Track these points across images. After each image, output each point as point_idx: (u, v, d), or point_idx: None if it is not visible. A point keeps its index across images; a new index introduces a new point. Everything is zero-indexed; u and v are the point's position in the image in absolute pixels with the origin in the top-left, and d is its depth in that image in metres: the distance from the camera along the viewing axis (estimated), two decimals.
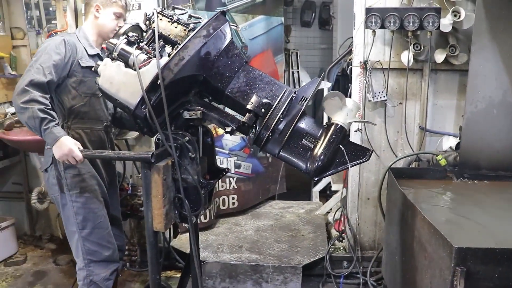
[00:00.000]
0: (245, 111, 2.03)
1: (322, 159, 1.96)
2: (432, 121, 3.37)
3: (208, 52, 2.02)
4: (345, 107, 2.04)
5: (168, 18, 2.18)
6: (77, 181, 2.50)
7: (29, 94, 2.26)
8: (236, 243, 3.76)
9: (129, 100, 2.01)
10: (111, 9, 2.53)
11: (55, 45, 2.40)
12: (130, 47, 2.09)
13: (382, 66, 3.26)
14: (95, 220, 2.56)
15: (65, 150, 2.26)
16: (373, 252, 3.56)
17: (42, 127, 2.27)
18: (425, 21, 3.00)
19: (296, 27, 8.17)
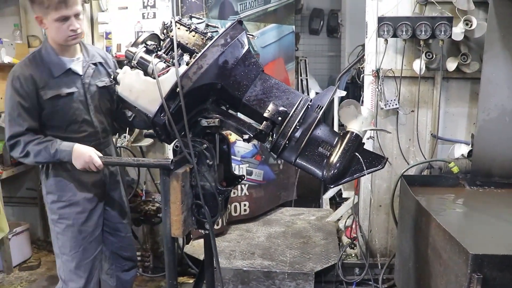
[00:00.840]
0: (262, 119, 2.06)
1: (338, 166, 1.99)
2: (444, 129, 3.39)
3: (226, 60, 2.05)
4: (360, 115, 2.07)
5: (186, 27, 2.21)
6: (56, 207, 2.41)
7: (18, 145, 2.25)
8: (248, 250, 3.78)
9: (148, 108, 2.05)
10: (49, 16, 2.18)
11: (13, 88, 2.23)
12: (149, 56, 2.13)
13: (394, 74, 3.29)
14: (74, 248, 2.42)
15: (86, 158, 2.25)
16: (385, 259, 3.57)
17: (51, 153, 2.24)
18: (437, 30, 3.03)
19: (305, 35, 8.21)
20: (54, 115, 2.30)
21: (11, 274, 3.86)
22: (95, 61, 2.42)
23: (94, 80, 2.39)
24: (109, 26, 3.63)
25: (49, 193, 2.41)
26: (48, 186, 2.40)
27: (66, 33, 2.21)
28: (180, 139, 2.05)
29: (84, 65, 2.37)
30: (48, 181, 2.40)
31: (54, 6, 2.15)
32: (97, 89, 2.40)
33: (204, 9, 3.76)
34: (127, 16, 3.60)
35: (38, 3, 2.18)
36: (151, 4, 3.57)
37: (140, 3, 3.59)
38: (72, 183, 2.39)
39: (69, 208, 2.40)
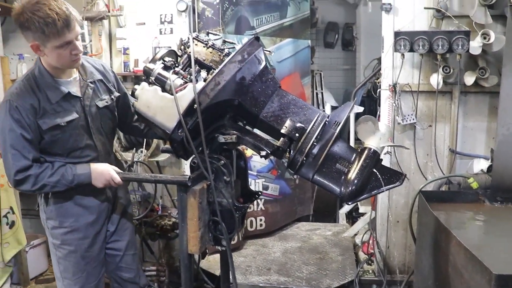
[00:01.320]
0: (279, 135, 2.05)
1: (356, 183, 1.96)
2: (462, 144, 3.35)
3: (243, 77, 2.05)
4: (378, 131, 2.05)
5: (203, 43, 2.21)
6: (57, 233, 2.30)
7: (28, 180, 2.13)
8: (264, 265, 3.75)
9: (166, 124, 2.05)
10: (50, 44, 1.99)
11: (13, 118, 2.06)
12: (167, 72, 2.13)
13: (411, 89, 3.27)
14: (76, 273, 2.33)
15: (106, 176, 2.21)
16: (403, 276, 3.51)
17: (69, 180, 2.17)
18: (454, 44, 3.01)
19: (320, 48, 8.23)
20: (54, 143, 2.17)
21: (28, 286, 3.89)
22: (93, 79, 2.28)
23: (94, 101, 2.26)
24: (127, 41, 3.68)
25: (49, 219, 2.30)
26: (49, 212, 2.29)
27: (68, 58, 2.08)
28: (197, 155, 2.05)
29: (82, 85, 2.23)
30: (48, 207, 2.29)
31: (56, 33, 1.96)
32: (97, 110, 2.28)
33: (220, 24, 3.80)
34: (144, 32, 3.65)
35: (34, 31, 1.95)
36: (169, 20, 3.62)
37: (158, 19, 3.64)
38: (74, 208, 2.29)
39: (71, 234, 2.29)
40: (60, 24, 1.95)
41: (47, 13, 1.93)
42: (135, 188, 3.70)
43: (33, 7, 1.94)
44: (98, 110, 2.29)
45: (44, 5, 1.94)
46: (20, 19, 1.95)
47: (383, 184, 1.99)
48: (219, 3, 3.78)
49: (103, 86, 2.33)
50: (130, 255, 2.54)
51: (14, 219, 3.70)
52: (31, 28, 1.95)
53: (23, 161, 2.10)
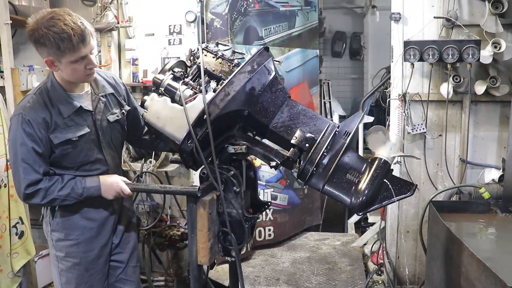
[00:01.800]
0: (289, 145, 2.04)
1: (366, 193, 1.94)
2: (473, 153, 3.32)
3: (253, 87, 2.05)
4: (389, 141, 2.04)
5: (212, 54, 2.20)
6: (62, 245, 2.26)
7: (38, 194, 2.10)
8: (273, 276, 3.73)
9: (175, 135, 2.04)
10: (65, 59, 1.97)
11: (24, 132, 2.04)
12: (176, 83, 2.12)
13: (421, 98, 3.25)
14: (78, 286, 2.29)
15: (116, 188, 2.20)
16: (413, 287, 3.48)
17: (78, 194, 2.15)
18: (465, 53, 2.99)
19: (327, 58, 8.24)
20: (64, 157, 2.15)
21: None
22: (105, 93, 2.27)
23: (105, 115, 2.25)
24: (136, 52, 3.71)
25: (54, 231, 2.27)
26: (54, 225, 2.26)
27: (83, 72, 2.06)
28: (207, 166, 2.04)
29: (94, 99, 2.22)
30: (54, 219, 2.26)
31: (71, 48, 1.94)
32: (108, 124, 2.27)
33: (229, 34, 3.81)
34: (153, 43, 3.67)
35: (49, 47, 1.93)
36: (177, 30, 3.65)
37: (167, 29, 3.67)
38: (81, 221, 2.26)
39: (76, 247, 2.26)
40: (76, 40, 1.93)
41: (62, 28, 1.91)
42: (144, 198, 3.70)
43: (48, 22, 1.92)
44: (109, 124, 2.28)
45: (59, 20, 1.92)
46: (35, 35, 1.93)
47: (394, 194, 1.97)
48: (227, 13, 3.80)
49: (114, 100, 2.32)
50: (132, 267, 2.51)
51: (23, 229, 3.70)
52: (46, 44, 1.92)
53: (33, 175, 2.08)
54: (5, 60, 3.60)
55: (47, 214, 2.29)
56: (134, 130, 2.47)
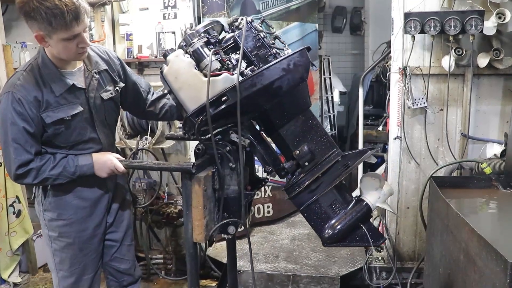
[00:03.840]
0: (289, 156, 2.03)
1: (340, 229, 2.01)
2: (475, 128, 3.25)
3: (280, 86, 1.91)
4: (381, 190, 2.06)
5: (254, 32, 1.99)
6: (55, 225, 2.22)
7: (30, 174, 2.05)
8: (272, 252, 3.72)
9: (187, 104, 1.94)
10: (56, 36, 1.88)
11: (15, 111, 1.96)
12: (207, 49, 1.94)
13: (422, 72, 3.17)
14: (73, 265, 2.26)
15: (109, 165, 2.14)
16: (413, 263, 3.46)
17: (70, 172, 2.10)
18: (467, 25, 2.90)
19: (328, 33, 8.10)
20: (57, 137, 2.09)
21: (36, 275, 3.90)
22: (98, 70, 2.18)
23: (98, 92, 2.17)
24: (130, 27, 3.62)
25: (47, 211, 2.22)
26: (47, 204, 2.21)
27: (74, 50, 1.97)
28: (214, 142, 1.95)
29: (87, 75, 2.14)
30: (46, 199, 2.21)
31: (64, 25, 1.84)
32: (101, 102, 2.20)
33: (225, 8, 3.72)
34: (148, 17, 3.58)
35: (40, 22, 1.83)
36: (172, 4, 3.55)
37: (161, 3, 3.57)
38: (74, 201, 2.22)
39: (69, 226, 2.22)
40: (69, 17, 1.83)
41: (56, 3, 1.80)
42: (141, 176, 3.66)
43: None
44: (103, 102, 2.20)
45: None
46: (26, 8, 1.83)
47: (370, 241, 2.03)
48: None
49: (108, 77, 2.23)
50: (126, 246, 2.48)
51: (20, 208, 3.69)
52: (37, 19, 1.82)
53: (25, 155, 2.02)
54: None
55: (39, 193, 2.24)
56: (136, 104, 2.41)
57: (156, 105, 2.41)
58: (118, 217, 2.43)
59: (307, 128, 2.05)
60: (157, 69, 3.65)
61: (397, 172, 3.37)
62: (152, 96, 2.42)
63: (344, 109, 6.84)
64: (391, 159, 3.38)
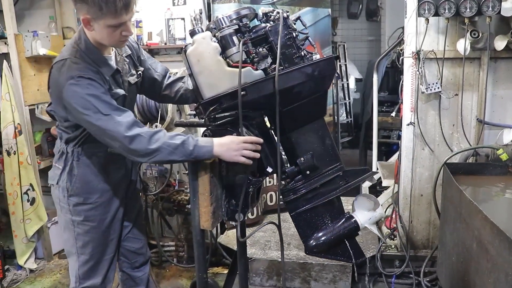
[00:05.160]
0: (293, 161, 2.04)
1: (324, 241, 2.07)
2: (491, 113, 3.16)
3: (300, 92, 1.90)
4: (373, 213, 2.10)
5: (287, 30, 1.93)
6: (81, 209, 2.24)
7: (140, 137, 1.91)
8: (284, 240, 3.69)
9: (204, 90, 1.92)
10: (103, 21, 1.87)
11: (92, 86, 1.92)
12: (237, 38, 1.90)
13: (436, 56, 3.08)
14: (95, 248, 2.30)
15: (237, 147, 1.94)
16: (426, 251, 3.41)
17: (189, 150, 1.93)
18: (484, 6, 2.79)
19: (343, 19, 8.00)
20: None
21: (51, 261, 3.96)
22: (127, 54, 2.20)
23: (127, 77, 2.19)
24: (140, 14, 3.60)
25: (72, 196, 2.22)
26: (74, 189, 2.21)
27: (117, 38, 1.95)
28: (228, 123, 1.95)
29: (118, 59, 2.14)
30: (73, 183, 2.20)
31: (113, 12, 1.82)
32: (129, 86, 2.21)
33: None
34: (157, 4, 3.55)
35: (90, 5, 1.82)
36: None
37: None
38: (100, 184, 2.24)
39: (95, 210, 2.25)
40: (120, 4, 1.82)
41: None
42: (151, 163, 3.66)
43: None
44: (130, 86, 2.22)
45: None
46: None
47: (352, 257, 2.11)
48: None
49: (131, 61, 2.24)
50: (138, 225, 2.54)
51: (34, 196, 3.73)
52: (88, 2, 1.81)
53: (126, 115, 1.93)
54: (8, 26, 3.54)
55: (64, 179, 2.22)
56: (152, 88, 2.41)
57: (172, 89, 2.40)
58: (131, 196, 2.46)
59: (317, 137, 2.04)
60: (167, 56, 3.66)
61: (411, 159, 3.31)
62: (168, 80, 2.41)
63: (360, 96, 6.75)
64: (405, 146, 3.31)
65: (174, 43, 3.54)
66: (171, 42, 3.54)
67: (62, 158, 2.23)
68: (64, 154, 2.22)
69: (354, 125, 6.78)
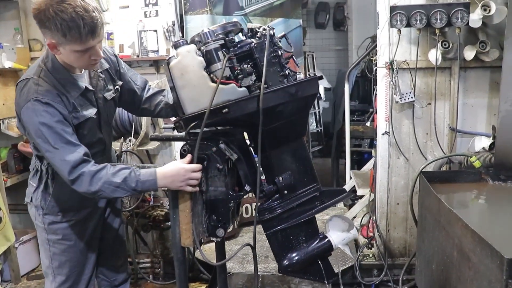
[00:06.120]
0: (271, 179, 2.01)
1: (297, 261, 2.05)
2: (463, 121, 3.23)
3: (282, 111, 1.87)
4: (347, 234, 2.09)
5: (273, 47, 1.88)
6: (57, 228, 2.17)
7: (82, 177, 1.88)
8: (261, 253, 3.65)
9: (186, 104, 1.87)
10: (69, 47, 1.82)
11: (47, 113, 1.86)
12: (222, 53, 1.84)
13: (409, 66, 3.14)
14: (72, 268, 2.22)
15: (183, 178, 1.92)
16: (404, 259, 3.43)
17: (131, 187, 1.92)
18: (454, 17, 2.87)
19: (311, 29, 8.09)
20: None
21: (19, 283, 3.78)
22: (102, 69, 2.12)
23: (102, 93, 2.12)
24: (111, 26, 3.54)
25: (48, 214, 2.15)
26: (49, 207, 2.14)
27: (87, 62, 1.91)
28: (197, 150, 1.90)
29: (92, 76, 2.08)
30: (48, 202, 2.14)
31: (78, 38, 1.78)
32: (105, 102, 2.14)
33: (208, 5, 3.65)
34: (128, 15, 3.49)
35: (54, 32, 1.77)
36: (153, 1, 3.47)
37: (142, 1, 3.49)
38: (76, 202, 2.15)
39: (72, 228, 2.18)
40: (85, 31, 1.76)
41: (72, 16, 1.73)
42: None
43: (58, 5, 1.72)
44: (106, 102, 2.15)
45: (70, 5, 1.73)
46: (41, 16, 1.76)
47: (324, 277, 2.10)
48: None
49: (108, 76, 2.17)
50: (119, 242, 2.49)
51: (1, 216, 3.56)
52: (51, 28, 1.76)
53: (74, 154, 1.87)
54: None
55: (38, 197, 2.15)
56: (131, 101, 2.33)
57: (152, 102, 2.33)
58: (112, 214, 2.41)
59: (296, 157, 2.03)
60: (140, 68, 3.59)
61: (386, 168, 3.34)
62: (147, 92, 2.34)
63: (329, 105, 6.81)
64: (380, 155, 3.34)
65: (146, 55, 3.48)
66: (144, 54, 3.48)
67: (37, 176, 2.15)
68: (38, 171, 2.14)
69: (324, 134, 6.83)
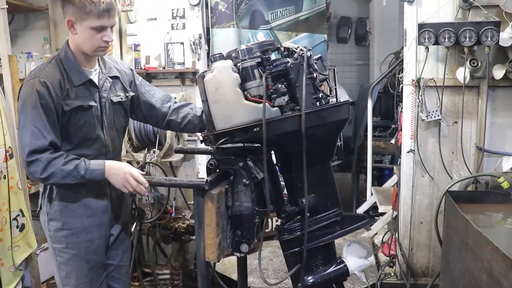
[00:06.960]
0: (295, 200, 2.00)
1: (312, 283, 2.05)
2: (490, 141, 3.18)
3: (313, 134, 1.86)
4: (365, 261, 2.11)
5: (308, 70, 1.89)
6: (60, 235, 2.17)
7: (38, 164, 1.96)
8: (281, 268, 3.62)
9: (217, 120, 1.89)
10: (86, 22, 1.98)
11: (39, 94, 1.96)
12: (258, 71, 1.86)
13: (436, 83, 3.11)
14: (80, 279, 2.20)
15: (125, 172, 2.03)
16: (427, 279, 3.37)
17: (80, 174, 2.00)
18: (483, 36, 2.84)
19: (333, 43, 8.07)
20: (68, 129, 2.07)
21: None
22: (112, 75, 2.24)
23: (110, 95, 2.21)
24: (138, 37, 3.58)
25: (52, 220, 2.16)
26: (52, 213, 2.16)
27: (98, 42, 2.03)
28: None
29: (101, 77, 2.19)
30: (52, 207, 2.15)
31: (97, 13, 1.95)
32: (111, 104, 2.22)
33: (234, 18, 3.67)
34: (156, 27, 3.54)
35: (77, 6, 1.96)
36: (181, 14, 3.50)
37: (169, 13, 3.53)
38: (79, 209, 2.16)
39: (76, 236, 2.17)
40: (103, 7, 1.96)
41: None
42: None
43: None
44: (112, 105, 2.23)
45: None
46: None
47: None
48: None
49: (119, 84, 2.28)
50: (124, 266, 2.45)
51: (24, 222, 3.59)
52: (74, 2, 1.96)
53: (40, 140, 1.97)
54: (2, 47, 3.46)
55: (45, 202, 2.18)
56: (154, 116, 2.39)
57: (179, 114, 2.36)
58: (121, 235, 2.38)
59: (321, 180, 2.03)
60: (165, 80, 3.62)
61: (410, 186, 3.30)
62: (174, 104, 2.38)
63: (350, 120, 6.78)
64: (404, 173, 3.30)
65: (172, 67, 3.52)
66: (170, 66, 3.51)
67: None
68: None
69: (344, 149, 6.78)
